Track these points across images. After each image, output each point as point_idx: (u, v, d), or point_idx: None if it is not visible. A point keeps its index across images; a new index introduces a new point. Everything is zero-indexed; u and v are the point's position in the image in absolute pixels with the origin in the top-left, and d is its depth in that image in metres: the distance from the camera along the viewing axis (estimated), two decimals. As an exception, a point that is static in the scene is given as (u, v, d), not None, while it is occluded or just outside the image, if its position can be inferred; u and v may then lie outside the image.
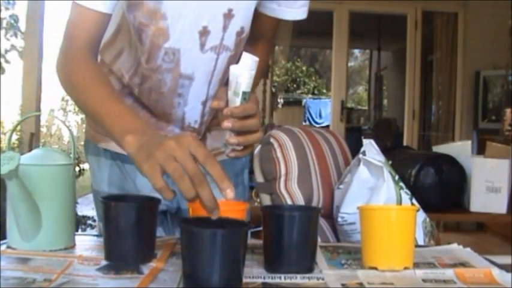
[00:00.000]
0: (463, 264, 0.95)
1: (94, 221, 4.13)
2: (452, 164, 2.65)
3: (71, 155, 1.03)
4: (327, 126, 6.38)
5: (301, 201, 1.51)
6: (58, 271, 0.84)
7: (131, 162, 1.23)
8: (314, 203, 1.54)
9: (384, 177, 1.45)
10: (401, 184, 1.49)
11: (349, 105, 12.40)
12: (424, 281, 0.86)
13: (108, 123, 0.93)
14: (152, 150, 0.80)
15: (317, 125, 10.94)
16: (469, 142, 2.85)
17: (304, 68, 16.47)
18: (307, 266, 0.90)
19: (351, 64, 13.37)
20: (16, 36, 6.94)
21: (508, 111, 4.89)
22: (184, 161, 0.77)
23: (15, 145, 3.87)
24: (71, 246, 0.99)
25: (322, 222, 1.54)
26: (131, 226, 0.91)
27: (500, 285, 0.85)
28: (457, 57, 5.38)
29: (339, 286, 0.82)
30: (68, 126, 1.10)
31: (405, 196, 1.48)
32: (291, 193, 1.51)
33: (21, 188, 0.90)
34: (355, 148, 1.64)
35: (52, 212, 0.96)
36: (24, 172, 0.91)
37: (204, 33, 1.08)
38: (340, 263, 0.96)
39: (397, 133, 6.91)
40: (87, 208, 5.30)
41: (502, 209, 2.65)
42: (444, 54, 5.50)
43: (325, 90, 15.64)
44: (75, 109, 13.25)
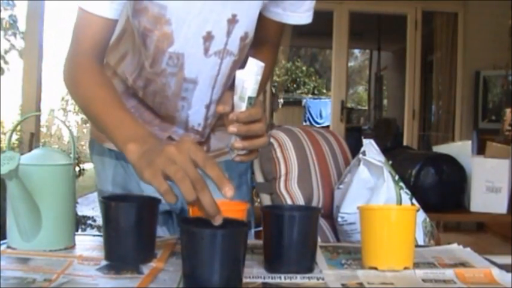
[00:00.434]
0: (463, 264, 0.95)
1: (94, 221, 4.13)
2: (453, 164, 2.65)
3: (71, 155, 1.03)
4: (327, 126, 6.38)
5: (301, 201, 1.51)
6: (58, 271, 0.84)
7: None
8: (314, 203, 1.54)
9: (384, 177, 1.45)
10: (401, 184, 1.49)
11: (349, 105, 12.39)
12: (424, 281, 0.86)
13: (111, 130, 0.94)
14: (153, 157, 0.81)
15: (317, 125, 10.94)
16: (469, 142, 2.84)
17: (304, 68, 16.47)
18: (307, 266, 0.90)
19: (351, 64, 13.37)
20: (15, 37, 6.94)
21: (508, 111, 4.89)
22: (185, 166, 0.78)
23: (15, 145, 3.88)
24: (71, 246, 0.99)
25: (322, 222, 1.54)
26: (131, 226, 0.91)
27: (500, 285, 0.85)
28: (457, 57, 5.38)
29: (339, 286, 0.82)
30: (68, 126, 1.10)
31: (405, 196, 1.48)
32: (291, 193, 1.51)
33: (21, 188, 0.90)
34: (355, 148, 1.64)
35: (52, 212, 0.96)
36: (24, 172, 0.91)
37: (208, 38, 1.08)
38: (340, 263, 0.96)
39: (397, 133, 6.92)
40: (87, 208, 5.31)
41: (502, 209, 2.65)
42: (444, 54, 5.50)
43: (325, 90, 15.65)
44: (75, 109, 13.27)
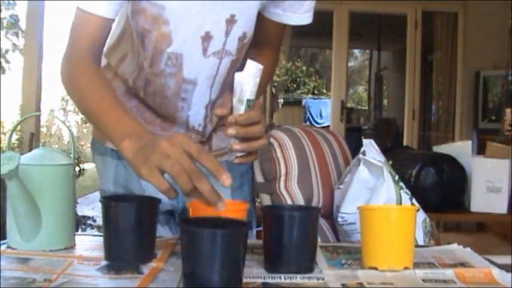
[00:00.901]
0: (463, 264, 0.95)
1: (94, 221, 4.13)
2: (453, 164, 2.65)
3: (71, 155, 1.03)
4: (327, 126, 6.38)
5: (301, 201, 1.51)
6: (58, 271, 0.84)
7: None
8: (314, 203, 1.54)
9: (384, 177, 1.45)
10: (401, 184, 1.49)
11: (349, 105, 12.40)
12: (424, 281, 0.86)
13: (107, 128, 0.95)
14: (148, 153, 0.82)
15: (318, 125, 10.94)
16: (469, 142, 2.84)
17: (304, 68, 16.47)
18: (307, 266, 0.90)
19: (351, 64, 13.37)
20: (18, 36, 6.95)
21: (508, 111, 4.89)
22: (179, 159, 0.79)
23: (15, 145, 3.87)
24: (71, 246, 0.99)
25: (322, 222, 1.54)
26: (131, 226, 0.91)
27: (500, 285, 0.85)
28: (457, 57, 5.38)
29: (339, 286, 0.82)
30: (68, 126, 1.10)
31: (405, 196, 1.47)
32: (291, 193, 1.51)
33: (21, 188, 0.90)
34: (355, 148, 1.64)
35: (52, 212, 0.96)
36: (24, 172, 0.91)
37: (206, 38, 1.08)
38: (340, 263, 0.96)
39: (397, 133, 6.92)
40: (87, 208, 5.31)
41: (502, 209, 2.65)
42: (444, 54, 5.50)
43: (325, 90, 15.65)
44: (75, 109, 13.27)
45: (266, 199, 1.53)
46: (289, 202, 1.49)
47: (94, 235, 1.12)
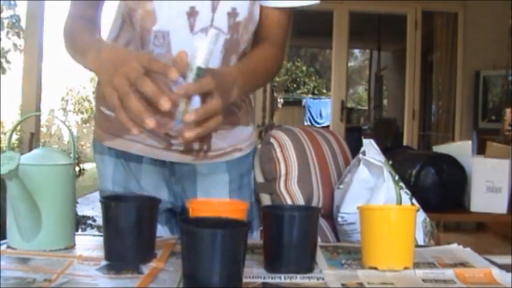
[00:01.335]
0: (463, 264, 0.95)
1: (94, 221, 4.13)
2: (453, 164, 2.65)
3: (71, 155, 1.03)
4: (327, 126, 6.38)
5: (301, 201, 1.51)
6: (58, 271, 0.84)
7: (135, 160, 1.24)
8: (314, 203, 1.54)
9: (384, 177, 1.45)
10: (401, 184, 1.49)
11: (349, 105, 12.40)
12: (424, 281, 0.86)
13: (82, 55, 1.01)
14: (111, 72, 0.87)
15: (318, 125, 10.94)
16: (469, 142, 2.84)
17: (304, 68, 16.48)
18: (307, 266, 0.90)
19: (351, 64, 13.37)
20: (19, 36, 6.95)
21: (508, 111, 4.90)
22: (130, 74, 0.85)
23: (15, 145, 3.87)
24: (71, 246, 0.99)
25: (322, 222, 1.54)
26: (131, 226, 0.91)
27: (500, 285, 0.85)
28: (457, 57, 5.38)
29: (339, 286, 0.82)
30: (68, 126, 1.10)
31: (405, 196, 1.47)
32: (291, 193, 1.51)
33: (21, 188, 0.90)
34: (355, 148, 1.64)
35: (52, 212, 0.96)
36: (24, 172, 0.91)
37: (192, 14, 1.06)
38: (340, 263, 0.96)
39: (397, 133, 6.92)
40: (87, 208, 5.31)
41: (502, 209, 2.65)
42: (444, 54, 5.50)
43: (325, 90, 15.65)
44: (75, 109, 13.28)
45: (266, 199, 1.53)
46: (289, 202, 1.49)
47: (94, 235, 1.12)
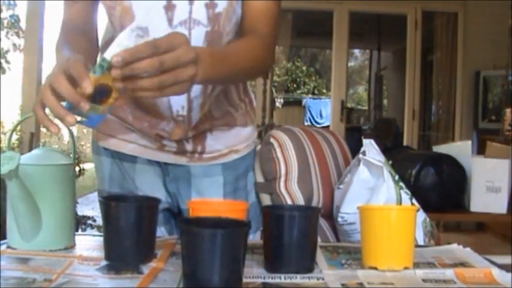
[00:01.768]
0: (463, 264, 0.95)
1: (94, 221, 4.13)
2: (453, 164, 2.65)
3: (71, 155, 1.03)
4: (327, 126, 6.38)
5: (301, 201, 1.51)
6: (58, 271, 0.84)
7: (129, 160, 1.24)
8: (314, 203, 1.54)
9: (384, 177, 1.45)
10: (401, 184, 1.49)
11: (349, 105, 12.40)
12: (424, 281, 0.86)
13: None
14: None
15: (318, 125, 10.94)
16: (469, 142, 2.84)
17: (304, 68, 16.47)
18: (307, 266, 0.90)
19: (351, 64, 13.37)
20: (18, 36, 6.95)
21: (508, 111, 4.90)
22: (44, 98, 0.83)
23: (15, 145, 3.87)
24: (71, 246, 0.99)
25: (322, 222, 1.54)
26: (131, 226, 0.91)
27: (500, 285, 0.85)
28: (457, 57, 5.38)
29: (339, 286, 0.82)
30: (68, 126, 1.10)
31: (405, 196, 1.47)
32: (291, 193, 1.51)
33: (21, 188, 0.90)
34: (355, 148, 1.64)
35: (52, 212, 0.96)
36: (24, 172, 0.91)
37: (169, 7, 1.06)
38: (340, 263, 0.96)
39: (397, 133, 6.92)
40: (87, 208, 5.31)
41: (502, 209, 2.65)
42: (444, 54, 5.50)
43: (325, 90, 15.65)
44: (75, 109, 13.25)
45: (266, 199, 1.53)
46: (289, 202, 1.49)
47: (94, 235, 1.12)
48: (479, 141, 4.70)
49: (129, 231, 0.91)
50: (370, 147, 1.53)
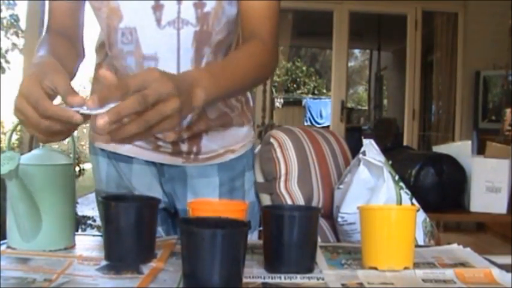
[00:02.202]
0: (463, 264, 0.95)
1: (94, 221, 4.13)
2: (453, 164, 2.65)
3: (71, 155, 1.03)
4: (327, 126, 6.38)
5: (301, 201, 1.51)
6: (58, 271, 0.84)
7: (126, 161, 1.24)
8: (314, 203, 1.54)
9: (384, 177, 1.45)
10: (401, 184, 1.49)
11: (349, 105, 12.40)
12: (424, 281, 0.86)
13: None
14: None
15: (318, 125, 10.94)
16: (469, 142, 2.84)
17: (304, 68, 16.47)
18: (307, 266, 0.90)
19: (351, 64, 13.37)
20: (18, 36, 6.95)
21: (508, 111, 4.90)
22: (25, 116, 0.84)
23: (15, 145, 3.87)
24: (71, 246, 0.99)
25: (322, 222, 1.54)
26: (131, 226, 0.91)
27: (500, 285, 0.85)
28: (457, 57, 5.38)
29: (339, 286, 0.82)
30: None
31: (405, 196, 1.47)
32: (291, 193, 1.51)
33: (21, 188, 0.90)
34: (355, 148, 1.64)
35: (52, 212, 0.96)
36: (24, 172, 0.91)
37: (157, 7, 1.05)
38: (340, 263, 0.96)
39: (397, 133, 6.92)
40: (87, 208, 5.31)
41: (502, 209, 2.65)
42: (444, 54, 5.50)
43: (325, 90, 15.65)
44: (75, 109, 13.27)
45: (266, 199, 1.53)
46: (289, 202, 1.49)
47: (94, 235, 1.12)
48: (479, 141, 4.71)
49: (129, 231, 0.91)
50: (370, 147, 1.53)
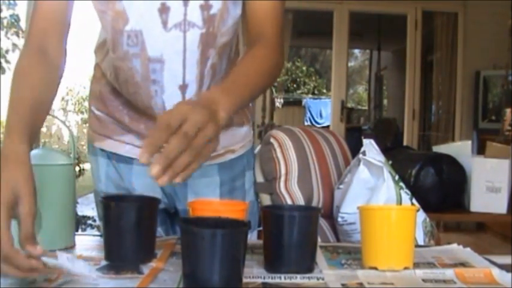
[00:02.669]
0: (463, 264, 0.95)
1: (94, 221, 4.14)
2: (453, 164, 2.65)
3: (71, 155, 1.03)
4: (327, 126, 6.38)
5: (301, 201, 1.51)
6: (58, 271, 0.84)
7: (125, 161, 1.24)
8: (314, 203, 1.54)
9: (384, 177, 1.45)
10: (401, 184, 1.49)
11: (349, 105, 12.40)
12: (424, 281, 0.86)
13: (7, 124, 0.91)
14: None
15: (318, 125, 10.94)
16: (469, 142, 2.84)
17: (304, 68, 16.48)
18: (307, 266, 0.90)
19: (351, 64, 13.37)
20: (18, 36, 6.94)
21: (508, 111, 4.90)
22: None
23: (15, 145, 3.86)
24: (71, 246, 0.99)
25: (322, 222, 1.54)
26: (131, 226, 0.91)
27: (500, 285, 0.85)
28: (457, 57, 5.38)
29: (339, 286, 0.82)
30: (68, 126, 1.10)
31: (405, 196, 1.47)
32: (291, 193, 1.51)
33: (21, 188, 0.90)
34: (355, 148, 1.64)
35: (52, 212, 0.96)
36: (24, 172, 0.91)
37: (163, 10, 1.04)
38: (340, 263, 0.96)
39: (397, 133, 6.92)
40: (87, 208, 5.30)
41: (502, 209, 2.65)
42: (444, 54, 5.50)
43: (325, 90, 15.65)
44: (75, 109, 13.29)
45: (266, 199, 1.53)
46: (289, 202, 1.49)
47: (94, 235, 1.12)
48: (479, 141, 4.71)
49: (129, 231, 0.91)
50: (370, 147, 1.53)
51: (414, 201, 1.49)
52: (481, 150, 3.14)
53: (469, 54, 5.30)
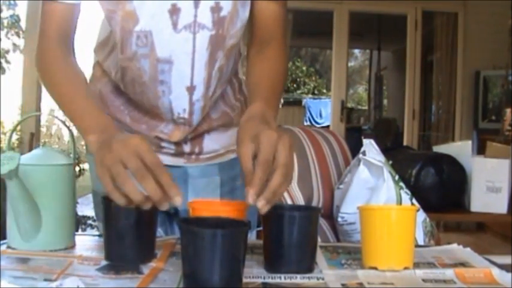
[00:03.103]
0: (463, 264, 0.95)
1: (94, 221, 4.14)
2: (453, 164, 2.65)
3: (71, 155, 1.03)
4: (327, 126, 6.38)
5: (301, 201, 1.51)
6: (58, 271, 0.84)
7: None
8: (314, 203, 1.54)
9: (384, 177, 1.45)
10: (401, 184, 1.49)
11: (349, 105, 12.40)
12: (424, 281, 0.86)
13: (74, 119, 0.98)
14: (105, 153, 0.83)
15: (318, 125, 10.94)
16: (469, 142, 2.84)
17: (304, 68, 16.48)
18: (307, 266, 0.90)
19: (351, 64, 13.37)
20: (19, 36, 6.94)
21: (508, 111, 4.90)
22: (128, 161, 0.80)
23: (15, 145, 3.87)
24: (71, 246, 0.99)
25: (322, 222, 1.54)
26: (131, 226, 0.91)
27: (500, 285, 0.85)
28: (457, 57, 5.39)
29: (339, 286, 0.82)
30: (68, 126, 1.10)
31: (405, 196, 1.48)
32: (291, 193, 1.51)
33: (21, 188, 0.90)
34: (355, 148, 1.64)
35: (52, 212, 0.96)
36: (24, 172, 0.91)
37: (174, 11, 1.04)
38: (340, 263, 0.96)
39: (397, 133, 6.93)
40: (87, 208, 5.30)
41: (502, 209, 2.65)
42: (444, 54, 5.50)
43: (325, 90, 15.65)
44: (75, 109, 13.26)
45: (266, 199, 1.53)
46: (289, 202, 1.49)
47: (94, 235, 1.12)
48: (479, 141, 4.70)
49: (129, 231, 0.91)
50: (370, 147, 1.53)
51: (414, 201, 1.49)
52: (481, 150, 3.14)
53: (469, 54, 5.30)
